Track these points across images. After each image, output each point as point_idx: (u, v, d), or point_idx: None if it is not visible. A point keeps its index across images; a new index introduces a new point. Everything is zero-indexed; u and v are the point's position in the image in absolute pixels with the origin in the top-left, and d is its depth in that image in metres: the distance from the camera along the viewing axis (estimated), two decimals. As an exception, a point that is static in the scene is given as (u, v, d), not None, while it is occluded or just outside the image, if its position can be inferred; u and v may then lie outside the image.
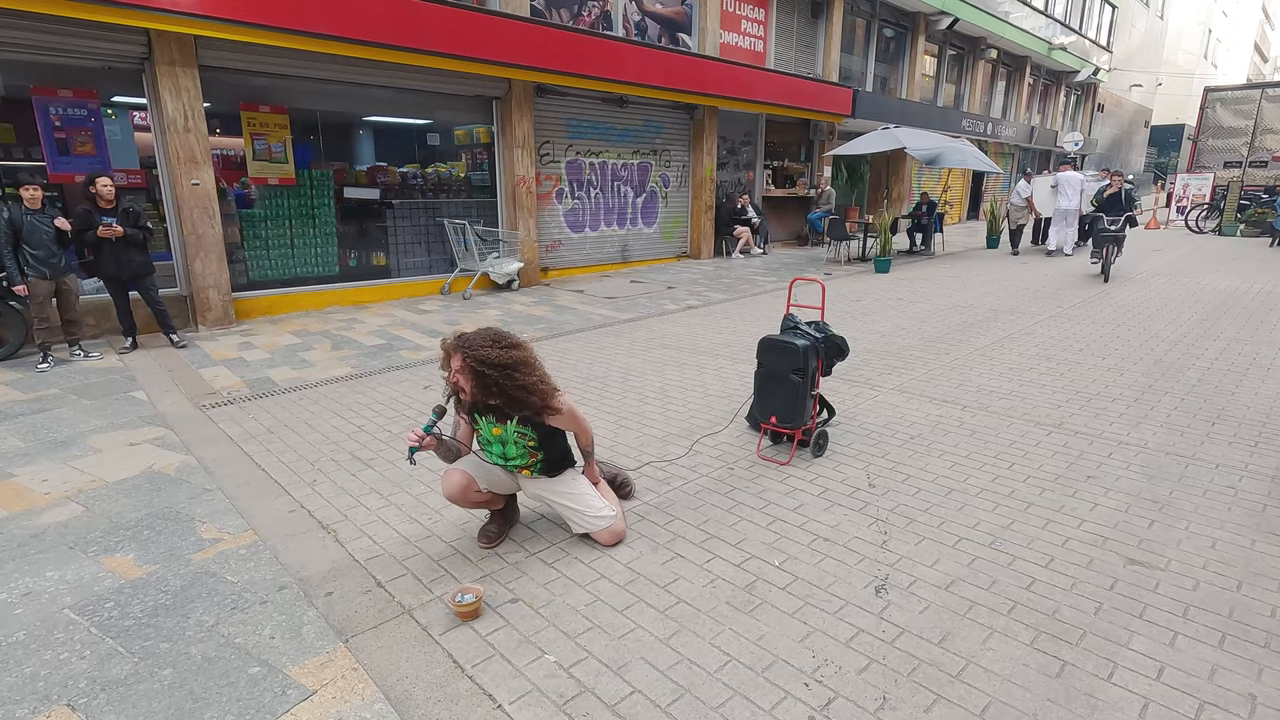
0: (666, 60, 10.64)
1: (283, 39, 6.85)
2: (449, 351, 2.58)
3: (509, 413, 2.68)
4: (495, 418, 2.72)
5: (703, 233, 12.63)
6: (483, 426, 2.77)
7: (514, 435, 2.74)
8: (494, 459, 2.83)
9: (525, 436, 2.75)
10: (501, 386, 2.54)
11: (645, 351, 6.21)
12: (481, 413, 2.73)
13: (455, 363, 2.56)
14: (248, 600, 2.55)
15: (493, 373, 2.51)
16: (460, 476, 2.76)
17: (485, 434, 2.79)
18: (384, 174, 8.75)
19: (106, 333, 6.67)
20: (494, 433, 2.76)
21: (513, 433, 2.74)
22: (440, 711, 2.01)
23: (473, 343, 2.55)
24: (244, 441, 4.11)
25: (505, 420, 2.71)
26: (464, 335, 2.59)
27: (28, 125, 6.29)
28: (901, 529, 3.03)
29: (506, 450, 2.79)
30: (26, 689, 2.11)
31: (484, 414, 2.73)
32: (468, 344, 2.54)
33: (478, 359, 2.51)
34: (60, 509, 3.27)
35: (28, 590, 2.62)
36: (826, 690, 2.08)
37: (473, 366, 2.51)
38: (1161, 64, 32.90)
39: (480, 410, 2.72)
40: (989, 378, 5.30)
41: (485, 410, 2.71)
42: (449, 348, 2.58)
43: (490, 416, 2.73)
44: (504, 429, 2.73)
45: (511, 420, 2.71)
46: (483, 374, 2.51)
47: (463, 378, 2.56)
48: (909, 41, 17.39)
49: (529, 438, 2.76)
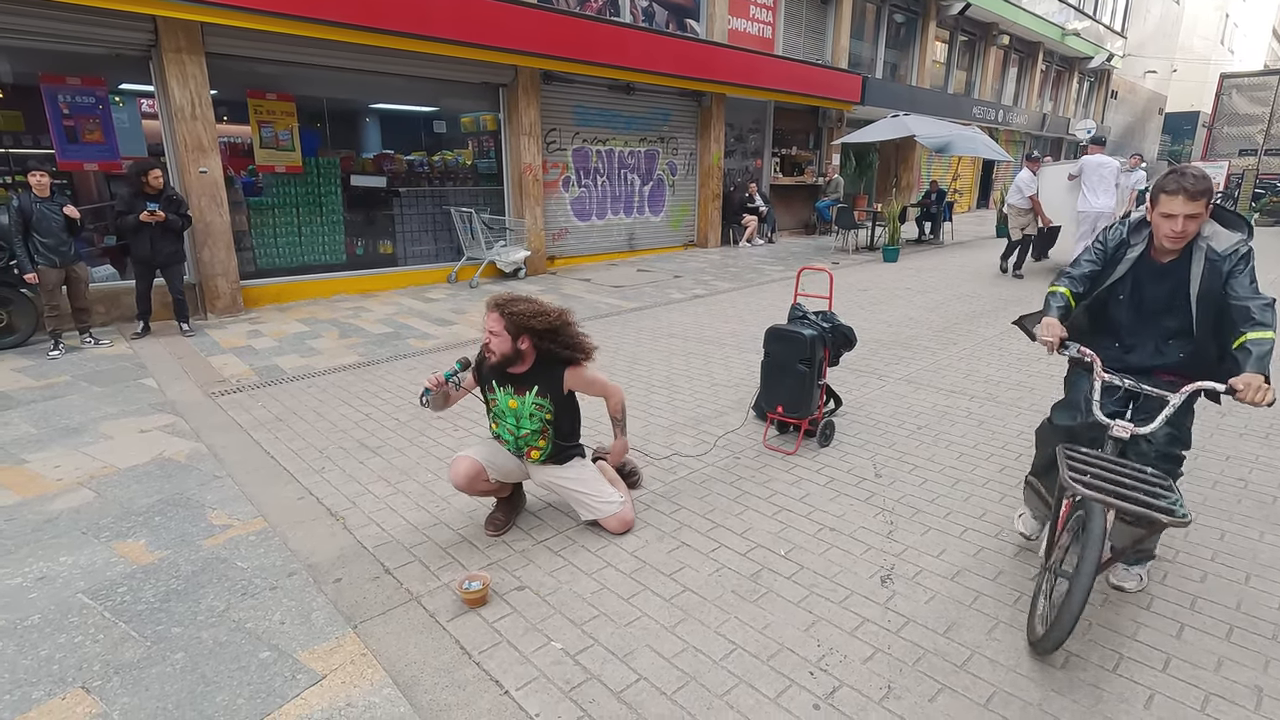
0: (674, 46, 10.56)
1: (288, 25, 6.82)
2: (487, 309, 2.68)
3: (531, 382, 2.73)
4: (514, 388, 2.74)
5: (710, 221, 12.58)
6: (500, 397, 2.78)
7: (531, 407, 2.75)
8: (504, 434, 2.84)
9: (542, 408, 2.76)
10: (535, 330, 2.64)
11: (652, 340, 6.20)
12: (501, 382, 2.75)
13: (490, 321, 2.63)
14: (258, 586, 2.58)
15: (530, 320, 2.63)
16: (470, 464, 2.76)
17: (501, 405, 2.79)
18: (390, 162, 8.74)
19: (116, 320, 6.71)
20: (510, 405, 2.77)
21: (530, 404, 2.75)
22: (448, 697, 2.03)
23: (510, 300, 2.66)
24: (253, 429, 4.14)
25: (524, 391, 2.74)
26: (506, 295, 2.68)
27: (36, 113, 6.30)
28: (908, 519, 3.03)
29: (520, 424, 2.79)
30: (42, 671, 2.14)
31: (504, 383, 2.75)
32: (505, 302, 2.64)
33: (514, 312, 2.62)
34: (72, 495, 3.31)
35: (42, 575, 2.66)
36: (831, 679, 2.09)
37: (509, 317, 2.61)
38: (1177, 50, 32.40)
39: (500, 379, 2.74)
40: (997, 368, 5.27)
41: (505, 380, 2.74)
42: (489, 305, 2.68)
43: (509, 387, 2.75)
44: (521, 401, 2.75)
45: (530, 391, 2.73)
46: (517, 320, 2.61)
47: (495, 337, 2.63)
48: (920, 27, 17.18)
49: (546, 409, 2.77)
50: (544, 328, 2.65)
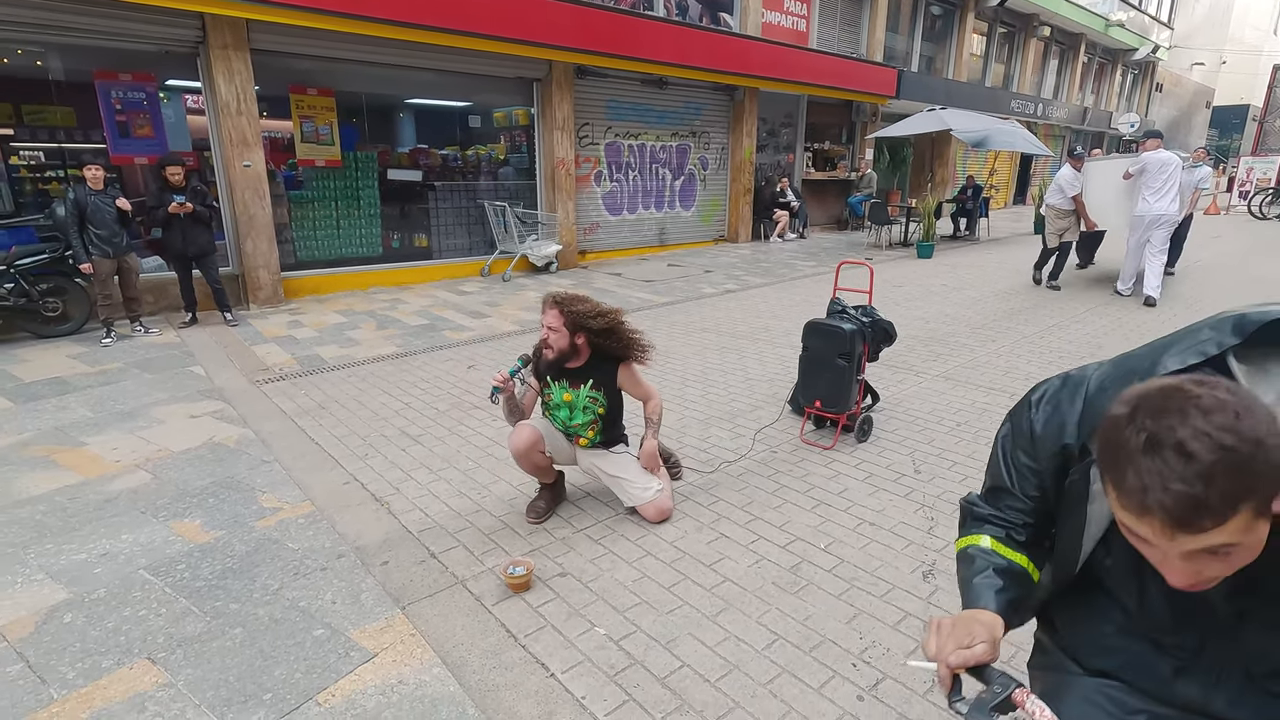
0: (708, 40, 10.51)
1: (329, 21, 6.95)
2: (546, 305, 2.72)
3: (586, 376, 2.80)
4: (569, 382, 2.83)
5: (741, 216, 12.52)
6: (555, 391, 2.87)
7: (585, 400, 2.84)
8: (556, 424, 2.93)
9: (596, 401, 2.85)
10: (593, 329, 2.71)
11: (684, 335, 6.21)
12: (556, 376, 2.84)
13: (548, 317, 2.68)
14: (309, 567, 2.66)
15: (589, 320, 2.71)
16: (530, 432, 2.83)
17: (556, 398, 2.88)
18: (425, 156, 8.86)
19: (164, 309, 6.92)
20: (564, 398, 2.86)
21: (584, 397, 2.84)
22: (496, 678, 2.08)
23: (568, 298, 2.72)
24: (297, 416, 4.25)
25: (579, 385, 2.82)
26: (565, 293, 2.74)
27: (88, 109, 6.52)
28: (949, 515, 3.00)
29: (574, 416, 2.88)
30: (110, 642, 2.24)
31: (559, 378, 2.84)
32: (563, 299, 2.69)
33: (574, 311, 2.69)
34: (130, 476, 3.43)
35: (105, 551, 2.77)
36: (875, 671, 2.09)
37: (569, 315, 2.67)
38: (1226, 40, 31.32)
39: (556, 374, 2.83)
40: (1038, 365, 5.18)
41: (561, 374, 2.82)
42: (548, 302, 2.73)
43: (564, 381, 2.84)
44: (575, 394, 2.84)
45: (585, 385, 2.82)
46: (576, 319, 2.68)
47: (553, 334, 2.69)
48: (957, 19, 16.86)
49: (599, 402, 2.86)
50: (601, 327, 2.74)
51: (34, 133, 6.45)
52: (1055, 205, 8.10)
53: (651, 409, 2.97)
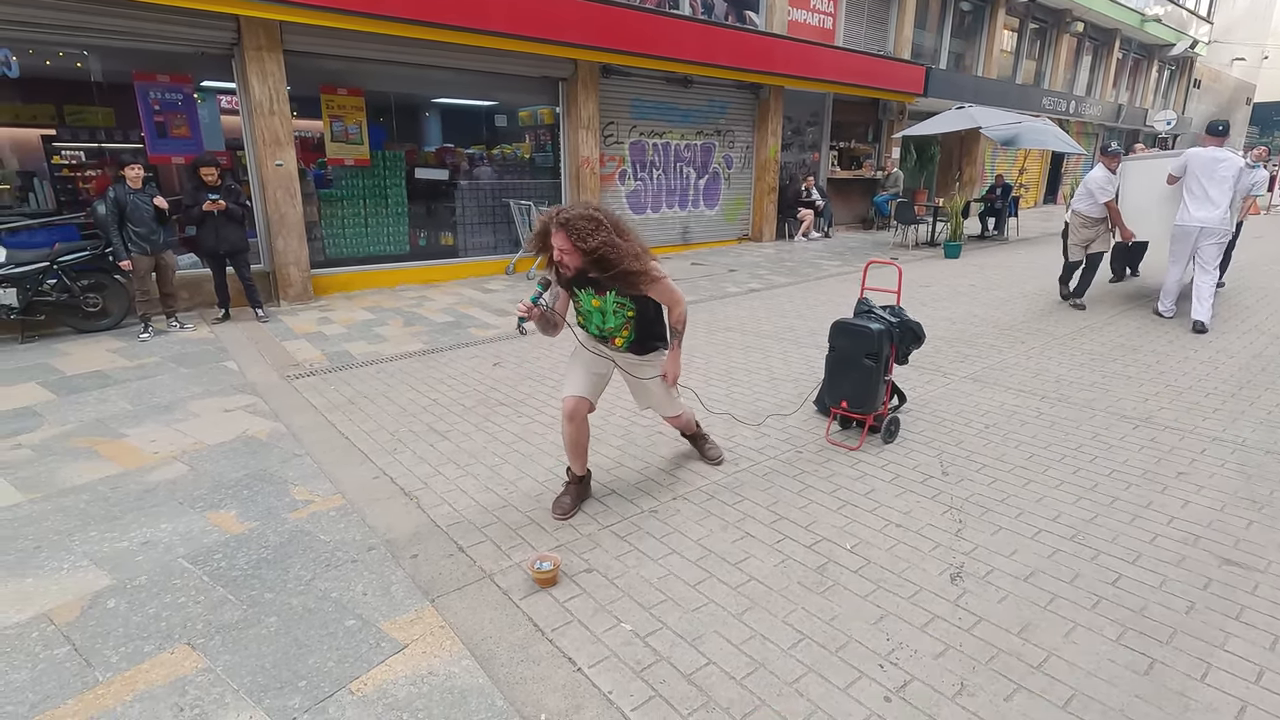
0: (733, 39, 10.48)
1: (360, 22, 7.05)
2: (550, 228, 2.62)
3: (609, 285, 2.76)
4: (594, 290, 2.82)
5: (765, 215, 12.46)
6: (583, 299, 2.88)
7: (613, 306, 2.85)
8: (591, 328, 2.96)
9: (624, 306, 2.85)
10: (603, 258, 2.58)
11: (708, 334, 6.20)
12: (580, 285, 2.82)
13: (558, 240, 2.61)
14: (340, 559, 2.71)
15: (596, 246, 2.56)
16: (579, 402, 2.94)
17: (585, 305, 2.89)
18: (452, 155, 8.95)
19: (199, 305, 7.08)
20: (593, 304, 2.87)
21: (612, 303, 2.84)
22: (524, 671, 2.10)
23: (573, 219, 2.57)
24: (327, 411, 4.33)
25: (604, 292, 2.81)
26: (564, 211, 2.62)
27: (127, 109, 6.69)
28: (977, 518, 2.98)
29: (606, 320, 2.89)
30: (151, 627, 2.31)
31: (583, 286, 2.83)
32: (569, 221, 2.57)
33: (581, 235, 2.56)
34: (168, 468, 3.53)
35: (145, 540, 2.85)
36: (902, 673, 2.08)
37: (576, 242, 2.56)
38: (1269, 35, 30.40)
39: (580, 283, 2.81)
40: (1068, 368, 5.09)
41: (584, 283, 2.80)
42: (550, 224, 2.62)
43: (589, 289, 2.82)
44: (603, 300, 2.84)
45: (610, 292, 2.80)
46: (585, 248, 2.56)
47: (566, 255, 2.62)
48: (988, 15, 16.60)
49: (627, 307, 2.85)
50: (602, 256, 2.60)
51: (75, 133, 6.64)
52: (1082, 212, 6.93)
53: (675, 318, 2.94)
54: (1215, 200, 6.04)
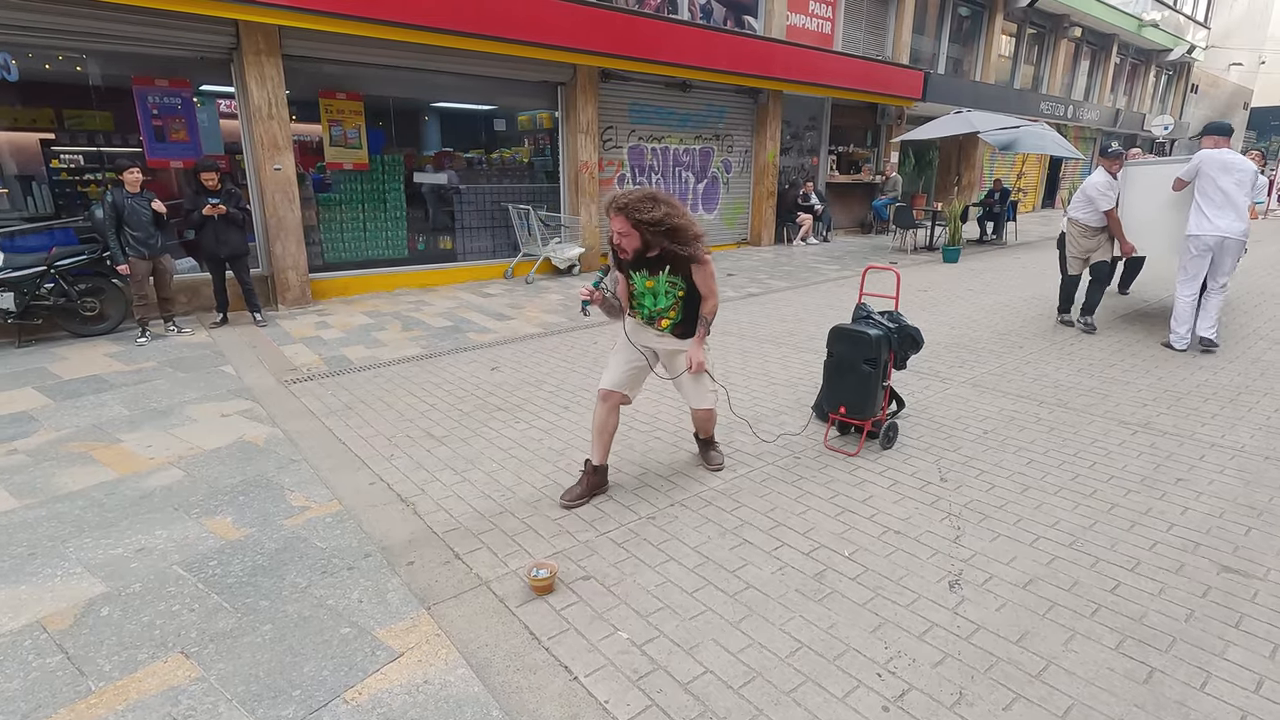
0: (732, 44, 10.50)
1: (358, 27, 7.06)
2: (611, 213, 2.86)
3: (663, 262, 2.97)
4: (649, 271, 3.02)
5: (764, 219, 12.47)
6: (637, 281, 3.07)
7: (665, 285, 3.03)
8: (642, 311, 3.14)
9: (675, 285, 3.04)
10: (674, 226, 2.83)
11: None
12: (636, 268, 3.03)
13: (616, 224, 2.84)
14: (336, 566, 2.70)
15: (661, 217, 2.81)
16: (610, 393, 3.15)
17: (639, 287, 3.08)
18: (450, 159, 8.95)
19: (197, 310, 7.07)
20: (647, 285, 3.06)
21: (664, 283, 3.03)
22: (520, 680, 2.09)
23: (633, 202, 2.80)
24: (324, 416, 4.32)
25: (658, 271, 3.01)
26: (621, 196, 2.84)
27: (126, 113, 6.69)
28: (975, 524, 2.97)
29: (658, 300, 3.08)
30: (145, 635, 2.29)
31: (638, 269, 3.03)
32: (628, 204, 2.80)
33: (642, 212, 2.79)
34: (164, 473, 3.52)
35: (140, 546, 2.84)
36: (900, 682, 2.07)
37: (638, 219, 2.79)
38: (1266, 40, 30.50)
39: (635, 266, 3.02)
40: (1067, 373, 5.09)
41: (640, 265, 3.01)
42: (608, 209, 2.87)
43: (644, 271, 3.03)
44: (656, 280, 3.03)
45: (664, 271, 3.00)
46: (650, 219, 2.79)
47: (624, 238, 2.86)
48: (985, 20, 16.65)
49: (679, 286, 3.04)
50: (667, 228, 2.85)
51: (74, 137, 6.63)
52: (1080, 220, 6.29)
53: (709, 309, 3.10)
54: (1238, 206, 5.33)
